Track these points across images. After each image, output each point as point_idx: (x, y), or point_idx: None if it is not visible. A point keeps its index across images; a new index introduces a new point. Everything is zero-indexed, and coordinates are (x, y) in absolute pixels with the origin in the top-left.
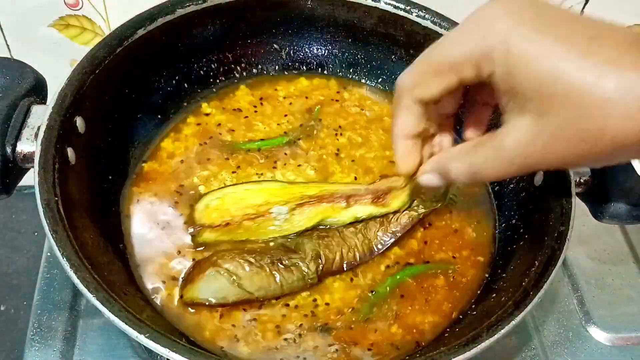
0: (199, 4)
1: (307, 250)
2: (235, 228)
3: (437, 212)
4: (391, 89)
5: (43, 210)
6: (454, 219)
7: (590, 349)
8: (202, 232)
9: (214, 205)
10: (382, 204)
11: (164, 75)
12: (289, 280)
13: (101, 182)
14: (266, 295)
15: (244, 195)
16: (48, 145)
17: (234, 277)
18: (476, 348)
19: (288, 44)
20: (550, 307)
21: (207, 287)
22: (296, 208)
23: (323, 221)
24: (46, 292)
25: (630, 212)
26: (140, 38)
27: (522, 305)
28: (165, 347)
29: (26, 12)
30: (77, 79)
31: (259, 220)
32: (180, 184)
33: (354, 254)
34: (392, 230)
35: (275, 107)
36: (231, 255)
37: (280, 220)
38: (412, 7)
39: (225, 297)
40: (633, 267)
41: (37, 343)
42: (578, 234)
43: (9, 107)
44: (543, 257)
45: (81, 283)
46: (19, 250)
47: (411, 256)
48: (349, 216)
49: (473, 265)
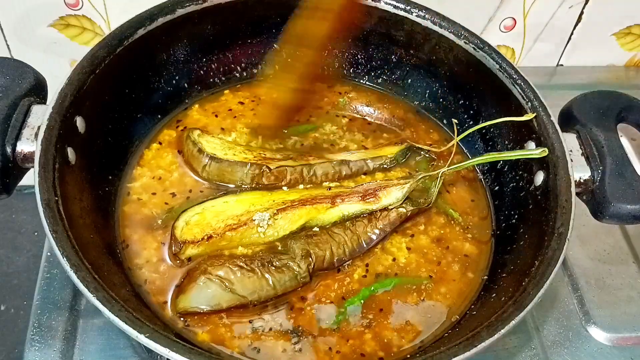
0: (199, 4)
1: (296, 250)
2: (218, 240)
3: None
4: (391, 88)
5: (43, 210)
6: (450, 227)
7: (590, 349)
8: (185, 249)
9: (194, 220)
10: (372, 201)
11: (164, 75)
12: (282, 281)
13: (101, 182)
14: (260, 297)
15: (224, 207)
16: (48, 145)
17: (226, 283)
18: (476, 348)
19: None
20: (550, 307)
21: (199, 295)
22: (279, 213)
23: (309, 222)
24: (46, 291)
25: (630, 212)
26: (140, 38)
27: (522, 305)
28: (165, 347)
29: (26, 12)
30: (77, 78)
31: (241, 230)
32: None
33: (343, 249)
34: (380, 227)
35: None
36: (221, 261)
37: (264, 226)
38: (412, 7)
39: (219, 304)
40: (633, 267)
41: (37, 343)
42: (578, 234)
43: (9, 107)
44: (543, 257)
45: (81, 283)
46: (19, 250)
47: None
48: (335, 215)
49: (466, 271)
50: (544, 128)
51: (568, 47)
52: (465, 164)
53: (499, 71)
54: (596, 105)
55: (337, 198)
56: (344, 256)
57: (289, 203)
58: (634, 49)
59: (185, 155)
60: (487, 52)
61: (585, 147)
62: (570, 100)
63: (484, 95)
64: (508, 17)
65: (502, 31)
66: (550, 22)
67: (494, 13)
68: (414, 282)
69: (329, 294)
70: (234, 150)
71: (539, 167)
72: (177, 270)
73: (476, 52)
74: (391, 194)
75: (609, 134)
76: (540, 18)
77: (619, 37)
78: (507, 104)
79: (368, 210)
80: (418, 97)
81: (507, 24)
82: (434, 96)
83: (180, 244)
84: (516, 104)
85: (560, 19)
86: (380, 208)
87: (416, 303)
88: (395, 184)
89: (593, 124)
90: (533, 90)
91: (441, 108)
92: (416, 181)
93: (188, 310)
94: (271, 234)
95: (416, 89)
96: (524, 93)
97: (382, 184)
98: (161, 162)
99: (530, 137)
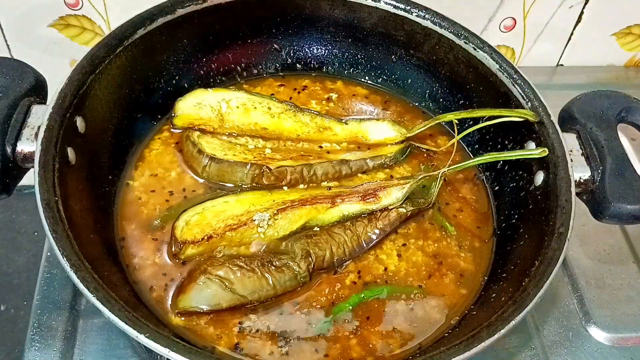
0: (199, 4)
1: (296, 250)
2: (218, 240)
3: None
4: (391, 88)
5: (43, 210)
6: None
7: (590, 349)
8: (185, 249)
9: (194, 221)
10: (372, 201)
11: (163, 75)
12: (281, 281)
13: (101, 182)
14: (260, 297)
15: (224, 207)
16: (48, 145)
17: (226, 283)
18: (476, 348)
19: (288, 44)
20: (550, 307)
21: (200, 295)
22: (279, 213)
23: (309, 222)
24: (46, 291)
25: (630, 212)
26: (140, 38)
27: (522, 305)
28: (165, 347)
29: (26, 12)
30: (77, 78)
31: (241, 230)
32: (182, 187)
33: (343, 249)
34: (380, 226)
35: None
36: (221, 261)
37: (264, 226)
38: (412, 7)
39: (219, 304)
40: (633, 267)
41: (37, 343)
42: (578, 234)
43: (9, 107)
44: (543, 257)
45: (81, 283)
46: (19, 250)
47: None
48: (335, 215)
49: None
50: (544, 128)
51: (568, 47)
52: (465, 164)
53: (499, 71)
54: (596, 105)
55: (337, 198)
56: (344, 256)
57: (289, 203)
58: (634, 49)
59: (185, 156)
60: (487, 52)
61: (585, 147)
62: (570, 100)
63: (484, 95)
64: (508, 17)
65: (502, 31)
66: (550, 22)
67: (494, 13)
68: (404, 290)
69: (319, 298)
70: (233, 150)
71: (539, 167)
72: (177, 270)
73: (476, 52)
74: (391, 194)
75: (609, 134)
76: (540, 18)
77: (619, 37)
78: (507, 104)
79: (368, 210)
80: (418, 97)
81: (507, 24)
82: (434, 96)
83: (180, 244)
84: (516, 104)
85: (560, 19)
86: (380, 208)
87: (407, 310)
88: (395, 184)
89: (593, 124)
90: (533, 90)
91: (441, 108)
92: (416, 181)
93: (188, 309)
94: (271, 234)
95: (416, 89)
96: (524, 93)
97: (382, 184)
98: (161, 162)
99: (530, 137)
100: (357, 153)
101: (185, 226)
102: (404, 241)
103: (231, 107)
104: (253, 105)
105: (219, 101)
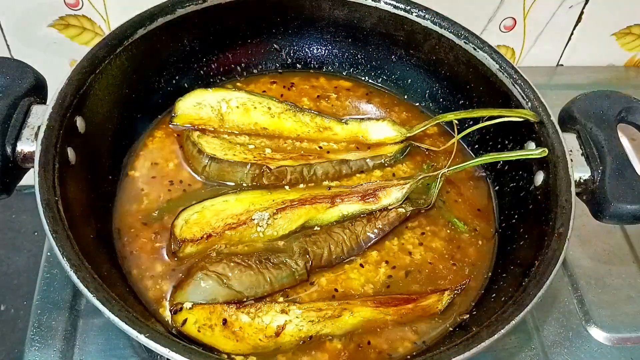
0: (199, 4)
1: (294, 247)
2: (217, 239)
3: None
4: (391, 88)
5: (43, 210)
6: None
7: (590, 349)
8: (185, 247)
9: (193, 219)
10: (371, 201)
11: (164, 75)
12: (278, 277)
13: (101, 182)
14: (256, 293)
15: (224, 206)
16: (48, 145)
17: (223, 279)
18: (476, 348)
19: (288, 44)
20: (550, 307)
21: (196, 290)
22: (278, 212)
23: (308, 222)
24: (46, 292)
25: (630, 212)
26: (140, 38)
27: (522, 305)
28: (165, 347)
29: (26, 12)
30: (77, 78)
31: (241, 229)
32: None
33: (341, 248)
34: (379, 226)
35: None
36: (219, 258)
37: (263, 226)
38: (412, 7)
39: (216, 299)
40: (633, 267)
41: (37, 343)
42: (578, 234)
43: (9, 107)
44: (543, 257)
45: (81, 283)
46: (19, 250)
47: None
48: (334, 214)
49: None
50: (544, 128)
51: (568, 47)
52: (466, 164)
53: (499, 71)
54: (596, 105)
55: (337, 198)
56: (342, 255)
57: (289, 203)
58: (634, 49)
59: (186, 156)
60: (487, 52)
61: (585, 147)
62: (570, 100)
63: (484, 95)
64: (508, 17)
65: (502, 31)
66: (550, 22)
67: (494, 13)
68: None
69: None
70: (233, 150)
71: (539, 167)
72: (176, 268)
73: (476, 52)
74: (391, 194)
75: (609, 134)
76: (540, 18)
77: (619, 37)
78: (507, 104)
79: (367, 210)
80: (418, 97)
81: (507, 24)
82: (434, 96)
83: (179, 243)
84: (516, 104)
85: (560, 19)
86: (380, 208)
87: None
88: (395, 184)
89: (593, 124)
90: (533, 90)
91: (441, 108)
92: (416, 181)
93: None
94: (270, 234)
95: (416, 89)
96: (524, 93)
97: (382, 184)
98: (161, 162)
99: (530, 137)
100: (357, 153)
101: (185, 225)
102: (421, 233)
103: (231, 107)
104: (253, 105)
105: (219, 101)
